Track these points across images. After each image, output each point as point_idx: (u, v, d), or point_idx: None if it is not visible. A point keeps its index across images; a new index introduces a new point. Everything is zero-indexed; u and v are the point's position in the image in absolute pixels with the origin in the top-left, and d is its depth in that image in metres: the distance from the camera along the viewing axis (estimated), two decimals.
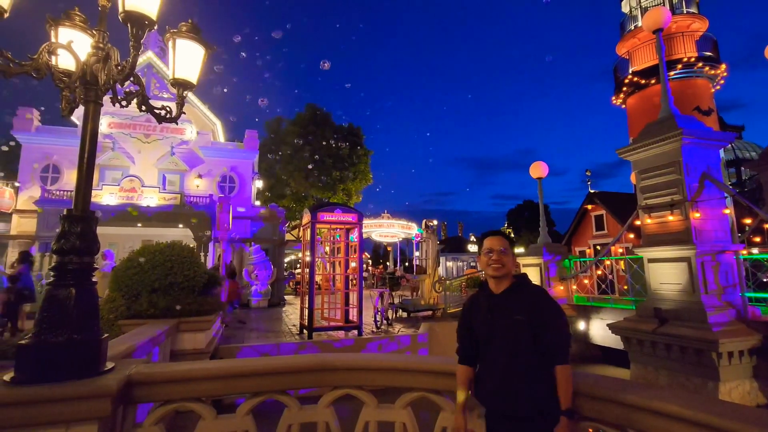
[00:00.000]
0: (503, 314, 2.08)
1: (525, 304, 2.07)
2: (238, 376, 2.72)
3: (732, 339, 6.89)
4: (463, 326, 2.25)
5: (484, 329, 2.11)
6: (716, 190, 8.10)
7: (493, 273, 2.12)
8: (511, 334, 2.03)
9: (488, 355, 2.10)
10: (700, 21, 22.69)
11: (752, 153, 24.99)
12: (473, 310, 2.21)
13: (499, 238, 2.17)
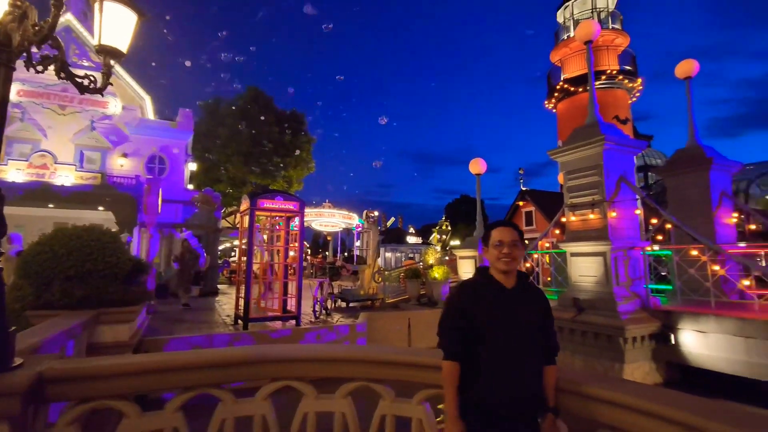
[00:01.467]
0: (521, 311, 1.95)
1: (538, 303, 2.02)
2: (167, 371, 2.56)
3: (637, 326, 7.75)
4: (458, 319, 1.95)
5: (499, 325, 1.90)
6: (630, 192, 8.99)
7: (505, 267, 1.96)
8: (529, 332, 1.94)
9: (498, 352, 1.88)
10: (622, 37, 24.88)
11: (658, 160, 27.99)
12: (477, 303, 1.94)
13: (509, 230, 2.00)
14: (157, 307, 10.52)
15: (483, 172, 13.24)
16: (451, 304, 2.01)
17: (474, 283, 2.04)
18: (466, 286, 2.06)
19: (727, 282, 8.22)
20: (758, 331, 6.71)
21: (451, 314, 1.97)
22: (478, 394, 1.87)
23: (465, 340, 1.90)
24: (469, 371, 1.89)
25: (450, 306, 2.00)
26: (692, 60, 10.33)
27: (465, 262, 12.93)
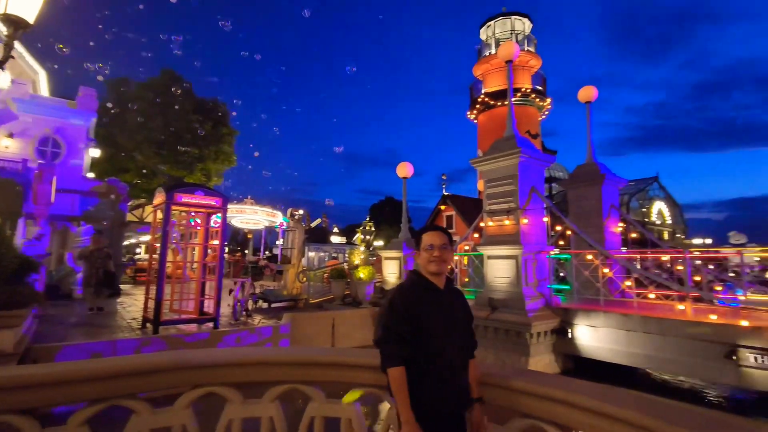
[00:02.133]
0: (456, 310, 2.05)
1: (464, 303, 2.15)
2: (69, 383, 2.30)
3: (541, 322, 8.58)
4: (403, 322, 1.90)
5: (440, 325, 1.94)
6: (539, 202, 9.91)
7: (436, 269, 2.02)
8: (462, 331, 2.07)
9: (441, 352, 1.92)
10: (536, 59, 27.32)
11: (560, 173, 31.14)
12: (420, 305, 1.95)
13: (439, 234, 2.09)
14: (47, 310, 9.26)
15: (410, 175, 13.67)
16: (396, 306, 1.94)
17: (413, 285, 2.04)
18: (407, 288, 2.03)
19: (612, 282, 9.43)
20: (636, 324, 7.82)
21: (397, 318, 1.90)
22: (424, 395, 1.86)
23: (411, 344, 1.88)
24: (413, 374, 1.86)
25: (394, 309, 1.93)
26: (592, 87, 11.71)
27: (390, 263, 13.23)
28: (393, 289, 2.05)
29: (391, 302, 1.96)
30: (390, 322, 1.91)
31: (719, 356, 6.76)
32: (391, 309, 1.94)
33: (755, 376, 6.45)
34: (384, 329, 1.90)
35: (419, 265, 2.11)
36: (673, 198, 31.39)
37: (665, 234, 29.82)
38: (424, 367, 1.88)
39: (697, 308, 7.83)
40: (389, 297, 2.00)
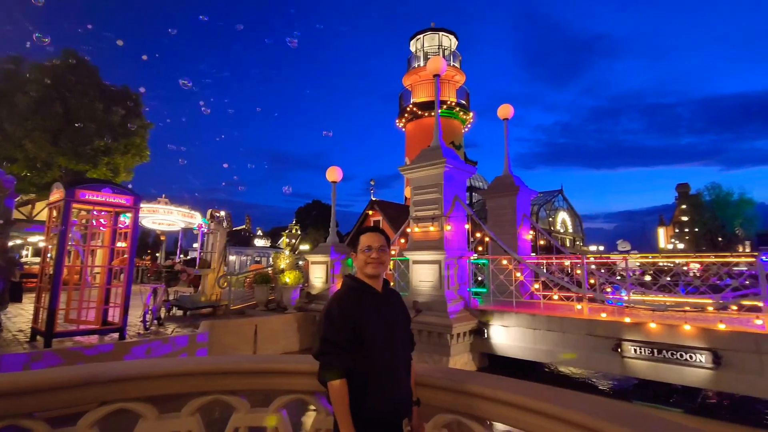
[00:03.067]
0: (397, 314, 2.03)
1: (402, 303, 2.13)
2: None
3: (461, 323, 9.08)
4: (346, 331, 1.81)
5: (382, 330, 1.88)
6: (462, 209, 10.51)
7: (373, 271, 1.97)
8: (403, 334, 2.04)
9: (384, 358, 1.86)
10: (460, 75, 28.94)
11: (480, 183, 33.22)
12: (361, 311, 1.87)
13: (377, 235, 2.03)
14: None
15: (339, 180, 13.68)
16: (333, 315, 1.83)
17: (350, 291, 1.95)
18: (344, 294, 1.94)
19: (523, 285, 10.31)
20: (542, 323, 8.63)
21: (338, 326, 1.80)
22: (366, 403, 1.79)
23: (351, 352, 1.79)
24: (354, 383, 1.78)
25: (333, 317, 1.82)
26: (509, 105, 12.74)
27: (317, 267, 13.10)
28: (330, 298, 1.95)
29: (328, 311, 1.86)
30: (327, 333, 1.80)
31: (608, 349, 7.71)
32: (328, 318, 1.84)
33: (635, 365, 7.46)
34: (322, 341, 1.79)
35: (356, 268, 2.05)
36: (574, 209, 35.08)
37: (567, 241, 33.19)
38: (365, 375, 1.80)
39: (592, 307, 8.85)
40: (326, 306, 1.90)
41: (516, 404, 2.15)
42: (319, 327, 1.86)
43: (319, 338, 1.82)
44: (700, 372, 6.82)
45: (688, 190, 59.85)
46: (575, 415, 1.90)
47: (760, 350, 6.35)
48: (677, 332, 7.06)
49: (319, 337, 1.82)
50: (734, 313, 7.87)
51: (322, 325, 1.84)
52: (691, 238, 53.60)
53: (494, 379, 2.35)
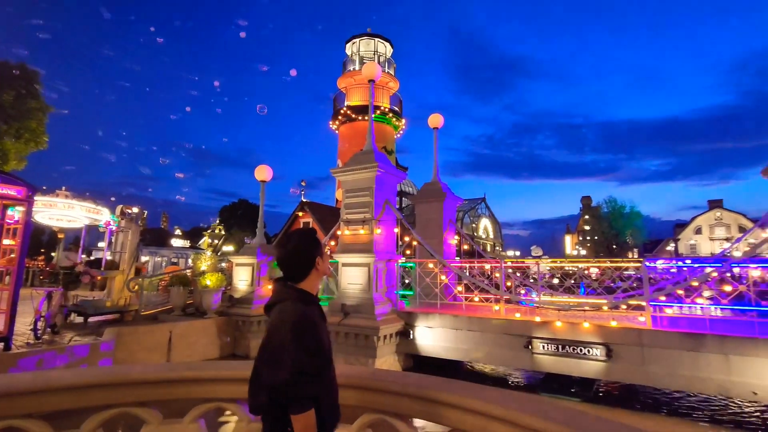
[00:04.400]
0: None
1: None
2: None
3: (387, 326, 9.25)
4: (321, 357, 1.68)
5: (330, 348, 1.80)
6: (392, 213, 10.74)
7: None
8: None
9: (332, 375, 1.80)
10: (394, 82, 29.60)
11: (410, 188, 34.19)
12: (323, 332, 1.75)
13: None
14: None
15: (268, 179, 13.25)
16: (311, 340, 1.64)
17: (316, 310, 1.79)
18: (312, 315, 1.72)
19: (448, 288, 10.79)
20: (463, 324, 9.10)
21: (314, 355, 1.63)
22: (328, 426, 1.71)
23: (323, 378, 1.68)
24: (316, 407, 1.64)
25: (311, 342, 1.63)
26: (440, 114, 13.30)
27: (241, 269, 12.54)
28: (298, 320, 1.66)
29: (300, 336, 1.62)
30: (304, 365, 1.59)
31: (520, 346, 8.36)
32: (306, 343, 1.62)
33: (543, 360, 8.18)
34: (297, 373, 1.57)
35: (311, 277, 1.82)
36: (495, 216, 37.52)
37: (488, 246, 35.36)
38: (322, 395, 1.68)
39: (508, 308, 9.52)
40: (297, 330, 1.63)
41: (442, 401, 2.27)
42: (286, 353, 1.60)
43: (289, 367, 1.57)
44: (596, 364, 7.66)
45: (590, 202, 67.03)
46: (496, 410, 2.06)
47: (642, 343, 7.30)
48: (578, 329, 7.87)
49: (291, 367, 1.57)
50: (624, 311, 8.97)
51: (292, 351, 1.59)
52: (591, 245, 60.13)
53: (416, 378, 2.46)
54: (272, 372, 1.61)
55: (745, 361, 6.50)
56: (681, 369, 6.96)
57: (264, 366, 1.67)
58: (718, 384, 6.71)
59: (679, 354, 6.99)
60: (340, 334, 9.49)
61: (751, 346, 6.49)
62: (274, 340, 1.67)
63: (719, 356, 6.69)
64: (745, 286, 7.59)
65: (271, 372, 1.62)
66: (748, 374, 6.47)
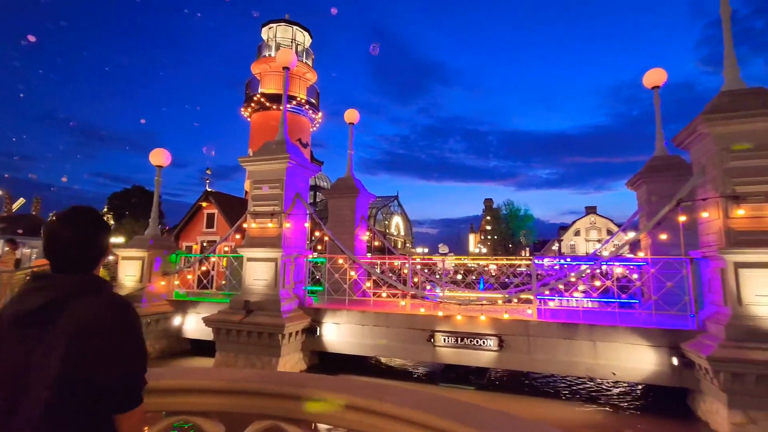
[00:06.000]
0: None
1: None
2: None
3: (293, 323, 8.98)
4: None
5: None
6: (302, 208, 10.43)
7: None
8: None
9: None
10: (312, 73, 28.91)
11: (325, 183, 33.84)
12: None
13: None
14: None
15: (166, 164, 12.02)
16: (141, 338, 1.44)
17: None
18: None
19: (357, 284, 10.82)
20: (370, 319, 9.20)
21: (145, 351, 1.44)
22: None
23: None
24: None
25: (142, 341, 1.43)
26: (356, 111, 13.27)
27: (129, 264, 11.20)
28: (127, 317, 1.42)
29: (137, 337, 1.41)
30: (143, 351, 1.42)
31: (423, 340, 8.70)
32: (139, 335, 1.43)
33: (443, 352, 8.61)
34: (139, 360, 1.40)
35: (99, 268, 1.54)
36: (406, 214, 38.81)
37: (399, 243, 36.45)
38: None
39: (413, 303, 9.84)
40: (132, 329, 1.41)
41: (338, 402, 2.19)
42: (130, 349, 1.39)
43: (139, 372, 1.39)
44: (489, 354, 8.28)
45: (492, 204, 73.10)
46: (394, 409, 2.03)
47: (528, 333, 8.06)
48: (475, 322, 8.43)
49: (139, 355, 1.39)
50: (516, 305, 9.84)
51: (137, 340, 1.40)
52: (491, 243, 65.61)
53: (305, 378, 2.35)
54: (116, 369, 1.33)
55: (608, 346, 7.53)
56: (558, 355, 7.83)
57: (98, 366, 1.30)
58: (586, 367, 7.68)
59: (558, 342, 7.85)
60: (242, 333, 8.97)
61: (613, 333, 7.53)
62: (105, 334, 1.34)
63: (588, 343, 7.65)
64: (610, 282, 8.80)
65: (115, 369, 1.33)
66: (610, 357, 7.50)
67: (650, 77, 10.33)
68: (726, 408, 6.03)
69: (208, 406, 2.20)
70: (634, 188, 10.78)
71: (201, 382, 2.28)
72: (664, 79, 10.29)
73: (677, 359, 7.01)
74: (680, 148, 8.18)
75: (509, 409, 6.94)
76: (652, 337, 7.31)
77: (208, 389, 2.22)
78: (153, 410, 2.02)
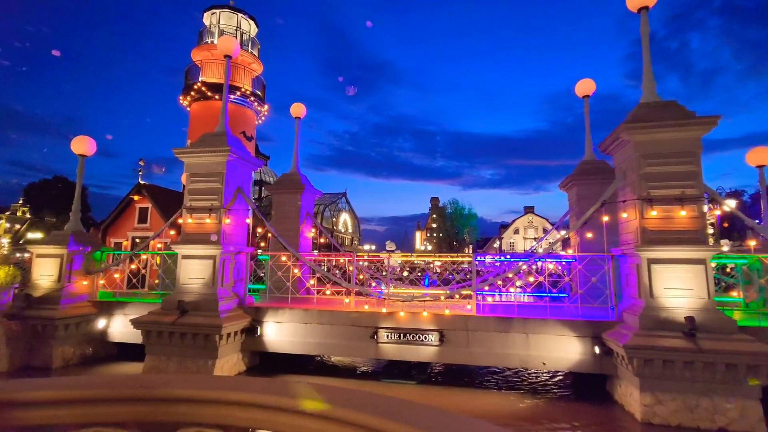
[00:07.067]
0: None
1: None
2: None
3: (231, 323, 8.62)
4: None
5: None
6: (244, 203, 10.03)
7: None
8: None
9: None
10: (258, 64, 27.88)
11: (272, 178, 32.87)
12: None
13: None
14: None
15: (90, 153, 11.02)
16: None
17: None
18: None
19: (301, 281, 10.62)
20: (314, 317, 9.06)
21: None
22: None
23: None
24: None
25: None
26: (302, 104, 12.97)
27: (45, 261, 10.15)
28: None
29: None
30: None
31: (367, 337, 8.72)
32: None
33: (386, 349, 8.69)
34: None
35: None
36: (354, 211, 38.73)
37: (347, 240, 36.30)
38: None
39: (358, 300, 9.84)
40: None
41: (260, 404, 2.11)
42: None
43: None
44: (431, 349, 8.47)
45: (438, 203, 75.06)
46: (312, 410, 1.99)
47: (468, 328, 8.35)
48: (418, 318, 8.58)
49: None
50: (457, 300, 10.14)
51: None
52: (437, 241, 67.41)
53: (234, 381, 2.26)
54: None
55: (539, 338, 7.99)
56: (495, 348, 8.19)
57: None
58: (520, 358, 8.10)
59: (495, 335, 8.21)
60: (174, 335, 8.46)
61: (543, 326, 8.01)
62: None
63: (522, 335, 8.08)
64: (543, 277, 9.34)
65: None
66: (541, 348, 7.97)
67: (581, 87, 11.08)
68: (638, 391, 6.63)
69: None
70: (566, 190, 11.52)
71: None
72: (593, 89, 11.08)
73: (599, 348, 7.60)
74: (605, 153, 8.86)
75: (447, 401, 7.29)
76: (577, 328, 7.86)
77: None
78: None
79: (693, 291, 6.84)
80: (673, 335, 6.57)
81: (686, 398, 6.45)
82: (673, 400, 6.48)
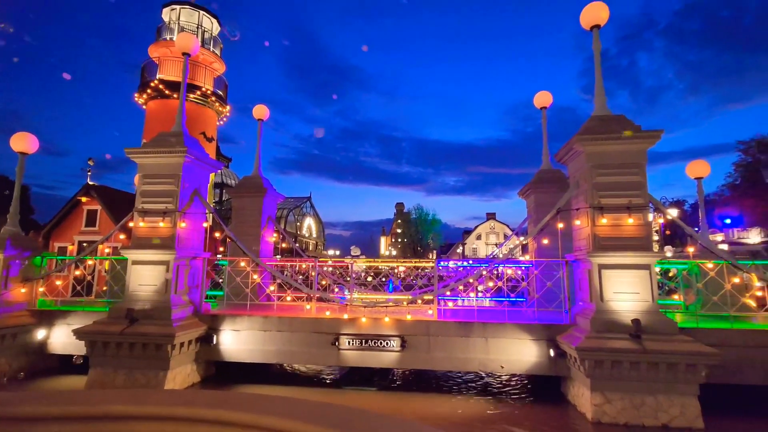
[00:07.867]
0: None
1: None
2: None
3: (185, 332, 8.24)
4: None
5: None
6: (201, 206, 9.66)
7: None
8: None
9: None
10: (220, 63, 27.10)
11: (233, 180, 31.95)
12: None
13: None
14: None
15: (32, 151, 10.27)
16: None
17: None
18: None
19: (261, 288, 10.33)
20: (273, 325, 8.83)
21: None
22: None
23: None
24: None
25: None
26: (265, 106, 12.71)
27: None
28: None
29: None
30: None
31: (328, 344, 8.59)
32: None
33: (348, 355, 8.59)
34: None
35: None
36: (319, 216, 38.30)
37: (311, 245, 35.80)
38: None
39: (320, 307, 9.69)
40: None
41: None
42: None
43: None
44: (393, 355, 8.46)
45: (403, 208, 75.67)
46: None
47: (429, 333, 8.41)
48: (380, 324, 8.56)
49: None
50: (419, 305, 10.20)
51: None
52: (402, 246, 67.85)
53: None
54: None
55: (498, 342, 8.17)
56: (455, 352, 8.29)
57: None
58: (479, 362, 8.24)
59: (455, 340, 8.31)
60: (123, 346, 7.98)
61: (502, 330, 8.20)
62: None
63: (481, 339, 8.23)
64: (501, 282, 9.58)
65: None
66: (499, 352, 8.15)
67: (539, 99, 11.54)
68: (589, 391, 6.91)
69: None
70: (525, 197, 11.91)
71: None
72: (550, 102, 11.56)
73: (553, 351, 7.86)
74: (561, 163, 9.24)
75: (407, 407, 7.26)
76: (533, 331, 8.10)
77: None
78: None
79: (639, 295, 7.23)
80: (621, 337, 6.91)
81: (633, 397, 6.78)
82: (620, 399, 6.80)
